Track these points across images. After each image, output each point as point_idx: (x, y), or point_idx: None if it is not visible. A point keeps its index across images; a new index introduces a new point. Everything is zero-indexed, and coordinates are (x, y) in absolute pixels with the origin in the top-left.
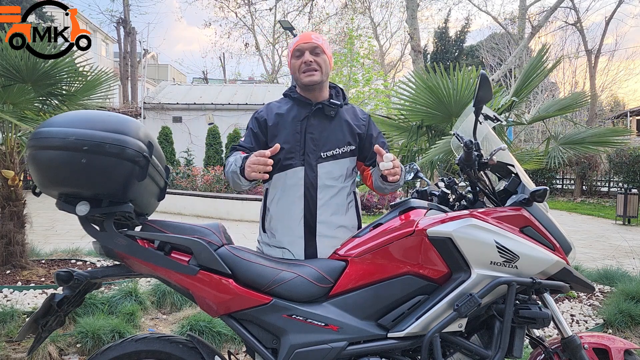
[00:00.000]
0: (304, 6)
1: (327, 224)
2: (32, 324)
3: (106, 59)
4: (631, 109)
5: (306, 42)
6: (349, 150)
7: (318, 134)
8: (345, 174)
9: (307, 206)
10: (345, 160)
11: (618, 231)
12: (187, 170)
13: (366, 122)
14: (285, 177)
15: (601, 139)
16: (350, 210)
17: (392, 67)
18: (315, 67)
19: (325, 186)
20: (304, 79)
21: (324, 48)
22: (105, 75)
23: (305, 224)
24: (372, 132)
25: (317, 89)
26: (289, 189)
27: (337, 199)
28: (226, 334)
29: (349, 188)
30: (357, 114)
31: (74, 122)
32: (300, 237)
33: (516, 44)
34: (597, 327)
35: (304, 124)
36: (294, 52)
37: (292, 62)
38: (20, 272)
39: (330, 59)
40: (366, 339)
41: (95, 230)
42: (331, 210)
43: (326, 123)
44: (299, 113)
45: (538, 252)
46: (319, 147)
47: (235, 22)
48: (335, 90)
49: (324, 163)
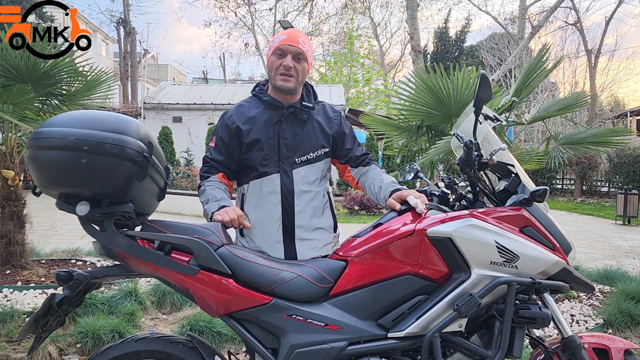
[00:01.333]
0: (304, 6)
1: (305, 227)
2: (32, 324)
3: (106, 59)
4: (631, 109)
5: (292, 45)
6: (323, 153)
7: (291, 139)
8: (320, 176)
9: (285, 212)
10: (320, 163)
11: (618, 231)
12: (187, 170)
13: (337, 120)
14: (262, 185)
15: (601, 139)
16: (326, 212)
17: (392, 67)
18: (293, 73)
19: (301, 192)
20: (278, 82)
21: (307, 55)
22: (105, 75)
23: (283, 230)
24: (344, 129)
25: (290, 93)
26: (266, 196)
27: (314, 203)
28: (226, 334)
29: (323, 190)
30: (328, 113)
31: (74, 122)
32: (279, 242)
33: (516, 44)
34: (597, 327)
35: (276, 128)
36: (277, 50)
37: (272, 59)
38: (20, 272)
39: (310, 66)
40: (366, 339)
41: (95, 230)
42: (308, 214)
43: (299, 127)
44: (271, 117)
45: (538, 252)
46: (293, 153)
47: (235, 22)
48: (307, 89)
49: (299, 168)
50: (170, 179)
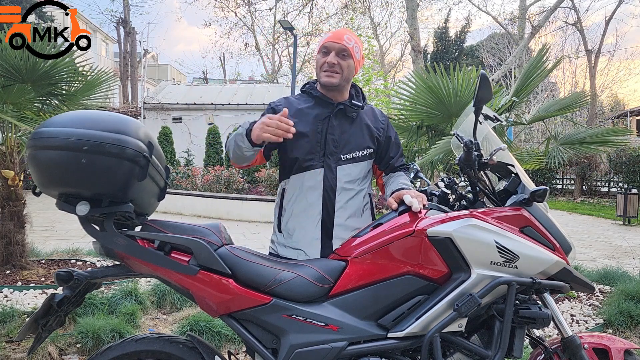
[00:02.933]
0: (304, 6)
1: (344, 226)
2: (32, 324)
3: (106, 59)
4: (631, 109)
5: (336, 42)
6: (368, 153)
7: (339, 136)
8: (363, 176)
9: (325, 208)
10: (364, 163)
11: (618, 231)
12: (187, 170)
13: (385, 125)
14: (304, 179)
15: (601, 138)
16: (366, 213)
17: (392, 67)
18: (337, 69)
19: (343, 189)
20: (322, 78)
21: (353, 52)
22: (105, 75)
23: (322, 226)
24: (391, 134)
25: (337, 90)
26: (308, 190)
27: (354, 202)
28: (226, 334)
29: (365, 190)
30: (376, 116)
31: (74, 122)
32: (317, 239)
33: (516, 44)
34: (597, 327)
35: (325, 124)
36: (322, 48)
37: (317, 58)
38: (20, 272)
39: (358, 63)
40: (366, 339)
41: (95, 230)
42: (348, 213)
43: (347, 125)
44: (320, 112)
45: (538, 252)
46: (339, 149)
47: (235, 22)
48: (355, 90)
49: (343, 165)
50: (170, 179)
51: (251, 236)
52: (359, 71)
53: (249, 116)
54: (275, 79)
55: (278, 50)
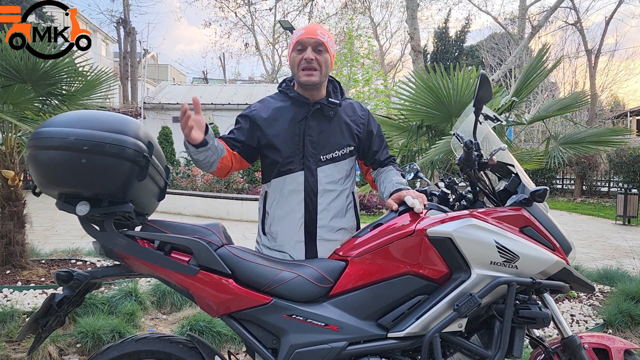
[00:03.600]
0: (304, 6)
1: (328, 227)
2: (32, 324)
3: (106, 59)
4: (631, 109)
5: (311, 37)
6: (348, 152)
7: (317, 137)
8: (345, 175)
9: (308, 211)
10: (345, 161)
11: (618, 231)
12: (187, 170)
13: (365, 119)
14: (284, 182)
15: (601, 138)
16: (349, 212)
17: (392, 67)
18: (315, 66)
19: (325, 191)
20: (301, 77)
21: (328, 46)
22: (105, 75)
23: (305, 229)
24: (372, 128)
25: (315, 88)
26: (289, 194)
27: (337, 202)
28: (226, 334)
29: (348, 190)
30: (356, 111)
31: (74, 122)
32: (301, 241)
33: (516, 44)
34: (597, 327)
35: (302, 125)
36: (296, 45)
37: (293, 56)
38: (20, 272)
39: (333, 57)
40: (366, 339)
41: (95, 230)
42: (331, 214)
43: (325, 124)
44: (297, 114)
45: (538, 252)
46: (319, 150)
47: (235, 22)
48: (333, 85)
49: (323, 167)
50: (170, 179)
51: (251, 236)
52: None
53: None
54: (275, 79)
55: (278, 50)
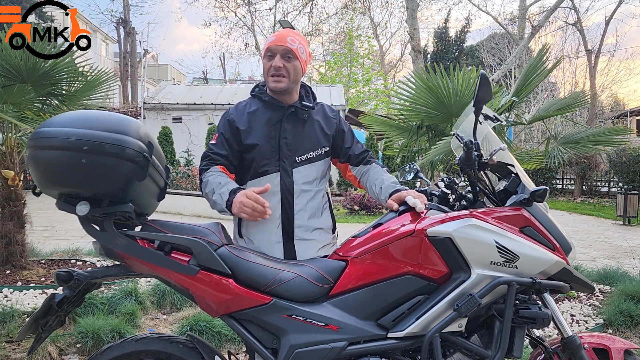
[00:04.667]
0: (304, 6)
1: (305, 227)
2: (32, 324)
3: (106, 59)
4: (631, 109)
5: (279, 45)
6: (323, 152)
7: (292, 139)
8: (320, 176)
9: (285, 212)
10: (320, 162)
11: (618, 231)
12: (187, 170)
13: (336, 119)
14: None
15: (601, 138)
16: (325, 212)
17: (392, 67)
18: (283, 73)
19: (301, 191)
20: (270, 83)
21: (298, 53)
22: (105, 75)
23: (283, 230)
24: (343, 127)
25: (286, 93)
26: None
27: (313, 202)
28: (226, 334)
29: (323, 190)
30: (327, 113)
31: (74, 122)
32: (279, 242)
33: (516, 44)
34: (597, 327)
35: (277, 128)
36: (267, 52)
37: (264, 62)
38: (20, 272)
39: (304, 63)
40: (366, 339)
41: (95, 230)
42: (308, 214)
43: (299, 127)
44: (272, 117)
45: (538, 252)
46: (294, 152)
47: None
48: (305, 90)
49: (299, 167)
50: (170, 179)
51: None
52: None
53: None
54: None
55: None
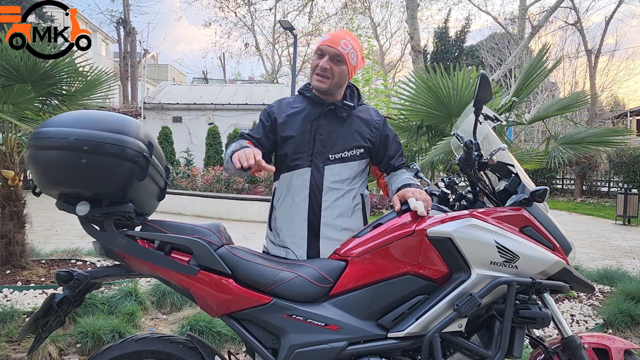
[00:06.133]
0: (304, 6)
1: (332, 226)
2: (32, 324)
3: (106, 59)
4: (631, 109)
5: (331, 46)
6: (358, 153)
7: (327, 136)
8: (354, 176)
9: (312, 208)
10: (355, 163)
11: (618, 231)
12: (187, 170)
13: (380, 124)
14: (292, 177)
15: (601, 138)
16: (357, 213)
17: (392, 67)
18: (328, 75)
19: (330, 189)
20: (313, 81)
21: (348, 58)
22: (105, 75)
23: (309, 225)
24: (388, 132)
25: (328, 93)
26: (295, 189)
27: (343, 202)
28: (226, 334)
29: (356, 190)
30: (371, 115)
31: (74, 122)
32: (303, 237)
33: (516, 44)
34: (597, 327)
35: (314, 124)
36: (317, 50)
37: (313, 59)
38: (20, 272)
39: (353, 69)
40: (366, 339)
41: (95, 230)
42: (336, 212)
43: (337, 125)
44: (311, 113)
45: (538, 252)
46: (328, 149)
47: (235, 22)
48: (351, 90)
49: (331, 165)
50: (170, 179)
51: (251, 236)
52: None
53: (249, 116)
54: (275, 79)
55: (278, 50)
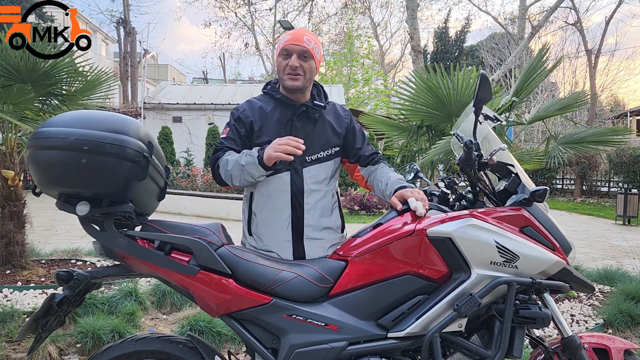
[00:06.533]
0: (304, 6)
1: (314, 226)
2: (32, 324)
3: (106, 59)
4: (631, 109)
5: (296, 44)
6: (333, 152)
7: (303, 138)
8: (330, 175)
9: (295, 211)
10: (330, 162)
11: (618, 231)
12: (187, 170)
13: (348, 118)
14: (270, 183)
15: (601, 138)
16: (334, 212)
17: (392, 67)
18: (300, 72)
19: (311, 190)
20: (286, 82)
21: (314, 53)
22: (105, 75)
23: (292, 229)
24: (354, 126)
25: (299, 92)
26: (276, 194)
27: (323, 202)
28: (226, 334)
29: (332, 189)
30: (338, 112)
31: (74, 122)
32: (288, 241)
33: (516, 44)
34: (597, 327)
35: (288, 127)
36: (282, 51)
37: (279, 61)
38: (20, 272)
39: (319, 63)
40: (366, 339)
41: (95, 230)
42: (318, 213)
43: (310, 126)
44: (283, 115)
45: (538, 252)
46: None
47: (235, 22)
48: (317, 89)
49: (309, 167)
50: (170, 179)
51: None
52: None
53: None
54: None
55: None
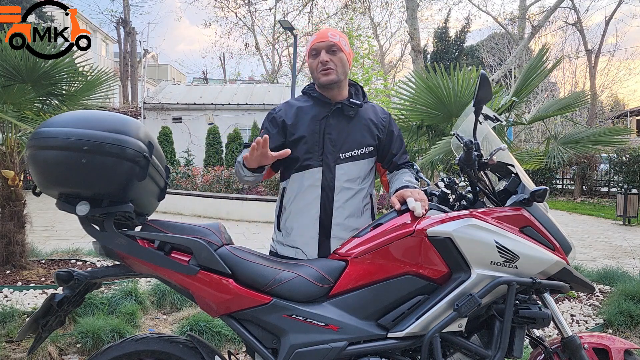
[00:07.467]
0: (304, 6)
1: (342, 226)
2: (32, 324)
3: (106, 59)
4: (631, 109)
5: (322, 41)
6: (368, 152)
7: (337, 135)
8: (363, 175)
9: (324, 207)
10: (364, 161)
11: (618, 231)
12: (187, 170)
13: (386, 121)
14: (303, 177)
15: (601, 138)
16: (366, 213)
17: (392, 67)
18: (331, 66)
19: (342, 188)
20: (321, 79)
21: (341, 46)
22: (105, 75)
23: (320, 225)
24: (393, 129)
25: (336, 88)
26: (306, 189)
27: (354, 201)
28: (226, 334)
29: (366, 190)
30: (377, 113)
31: (74, 122)
32: (314, 237)
33: (516, 44)
34: (597, 327)
35: (322, 123)
36: (311, 52)
37: (310, 62)
38: (20, 272)
39: (349, 56)
40: (366, 339)
41: (96, 230)
42: (347, 212)
43: (345, 123)
44: (318, 112)
45: (538, 252)
46: (338, 148)
47: (235, 22)
48: (355, 88)
49: (342, 164)
50: (170, 179)
51: (251, 236)
52: (352, 60)
53: (249, 116)
54: (275, 79)
55: (278, 50)
